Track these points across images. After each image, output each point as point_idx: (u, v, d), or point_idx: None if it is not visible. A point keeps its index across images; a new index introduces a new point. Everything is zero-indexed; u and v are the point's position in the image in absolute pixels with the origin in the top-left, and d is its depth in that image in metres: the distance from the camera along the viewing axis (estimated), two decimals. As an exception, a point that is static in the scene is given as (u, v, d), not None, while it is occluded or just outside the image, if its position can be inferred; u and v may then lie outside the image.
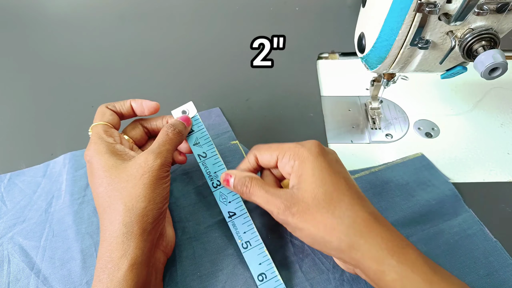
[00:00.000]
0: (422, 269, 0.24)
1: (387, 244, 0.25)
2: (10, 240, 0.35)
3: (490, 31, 0.27)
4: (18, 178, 0.40)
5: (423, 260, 0.25)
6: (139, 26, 0.59)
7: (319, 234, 0.26)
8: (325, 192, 0.27)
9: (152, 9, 0.62)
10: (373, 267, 0.25)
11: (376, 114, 0.45)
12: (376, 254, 0.25)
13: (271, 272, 0.31)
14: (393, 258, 0.24)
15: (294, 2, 0.62)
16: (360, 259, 0.25)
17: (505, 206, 0.37)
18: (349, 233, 0.25)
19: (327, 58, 0.54)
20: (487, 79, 0.27)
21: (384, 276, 0.24)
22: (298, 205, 0.27)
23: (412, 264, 0.24)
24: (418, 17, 0.28)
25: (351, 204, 0.26)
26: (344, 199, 0.27)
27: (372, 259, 0.25)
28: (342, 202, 0.26)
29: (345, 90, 0.49)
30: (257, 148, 0.32)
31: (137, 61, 0.54)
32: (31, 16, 0.62)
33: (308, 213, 0.26)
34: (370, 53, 0.34)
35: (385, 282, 0.24)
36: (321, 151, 0.29)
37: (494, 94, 0.48)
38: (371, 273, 0.25)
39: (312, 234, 0.26)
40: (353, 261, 0.26)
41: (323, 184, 0.27)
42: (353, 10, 0.60)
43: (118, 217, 0.27)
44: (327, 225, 0.26)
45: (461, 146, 0.43)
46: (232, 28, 0.58)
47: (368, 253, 0.25)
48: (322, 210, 0.26)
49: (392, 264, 0.24)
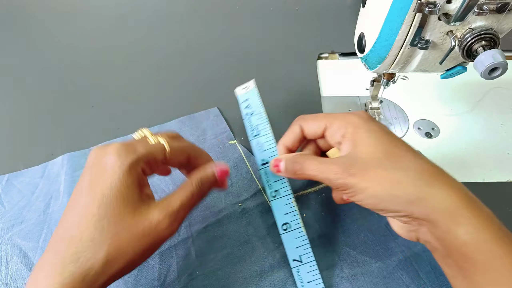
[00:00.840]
0: (497, 225, 0.23)
1: (458, 195, 0.23)
2: (8, 241, 0.35)
3: (490, 31, 0.27)
4: (17, 179, 0.40)
5: (495, 216, 0.23)
6: (139, 26, 0.59)
7: (385, 190, 0.24)
8: (384, 150, 0.26)
9: (152, 9, 0.62)
10: (445, 219, 0.23)
11: (376, 114, 0.45)
12: (449, 204, 0.23)
13: (296, 223, 0.31)
14: (467, 209, 0.23)
15: (294, 2, 0.62)
16: (431, 210, 0.23)
17: (505, 206, 0.37)
18: (417, 184, 0.24)
19: (327, 58, 0.54)
20: (487, 79, 0.27)
21: (457, 228, 0.23)
22: (356, 165, 0.25)
23: (486, 218, 0.23)
24: (418, 17, 0.28)
25: (414, 157, 0.25)
26: (407, 154, 0.25)
27: (444, 210, 0.23)
28: (405, 156, 0.25)
29: (345, 90, 0.49)
30: (302, 118, 0.31)
31: (136, 61, 0.54)
32: (31, 15, 0.62)
33: (370, 171, 0.25)
34: (370, 53, 0.34)
35: (456, 236, 0.23)
36: (371, 117, 0.28)
37: (494, 94, 0.48)
38: (442, 226, 0.23)
39: (377, 192, 0.25)
40: (422, 215, 0.24)
41: (381, 143, 0.26)
42: (353, 10, 0.60)
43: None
44: (393, 179, 0.24)
45: (461, 146, 0.42)
46: (232, 28, 0.58)
47: (440, 203, 0.23)
48: (385, 166, 0.25)
49: (466, 216, 0.23)
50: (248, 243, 0.34)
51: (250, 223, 0.36)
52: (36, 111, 0.47)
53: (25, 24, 0.60)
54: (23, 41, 0.58)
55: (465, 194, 0.24)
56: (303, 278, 0.30)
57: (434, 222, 0.23)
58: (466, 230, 0.22)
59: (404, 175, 0.24)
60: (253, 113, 0.33)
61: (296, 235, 0.31)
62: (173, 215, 0.25)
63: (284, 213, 0.31)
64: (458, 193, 0.23)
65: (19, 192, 0.39)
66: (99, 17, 0.61)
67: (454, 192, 0.23)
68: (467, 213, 0.23)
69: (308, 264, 0.31)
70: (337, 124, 0.28)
